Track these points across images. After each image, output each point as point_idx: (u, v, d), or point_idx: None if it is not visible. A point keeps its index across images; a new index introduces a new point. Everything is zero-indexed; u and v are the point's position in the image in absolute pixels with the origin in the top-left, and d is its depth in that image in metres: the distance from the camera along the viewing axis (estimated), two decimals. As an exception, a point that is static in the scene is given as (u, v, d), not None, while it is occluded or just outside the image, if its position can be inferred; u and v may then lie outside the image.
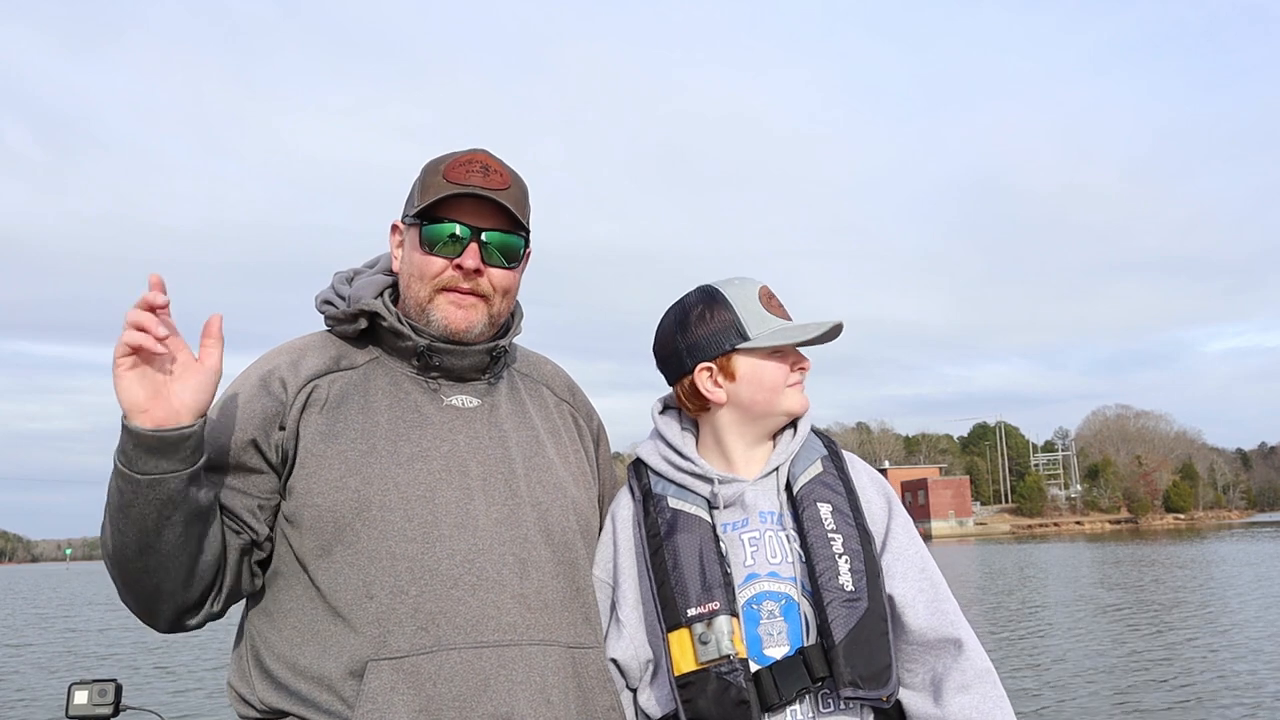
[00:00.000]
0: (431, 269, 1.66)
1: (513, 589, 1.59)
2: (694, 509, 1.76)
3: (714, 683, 1.62)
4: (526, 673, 1.55)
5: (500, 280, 1.69)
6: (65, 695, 2.47)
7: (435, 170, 1.68)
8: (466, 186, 1.64)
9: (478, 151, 1.70)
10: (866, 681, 1.63)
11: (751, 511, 1.77)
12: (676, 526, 1.74)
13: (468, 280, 1.66)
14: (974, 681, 1.68)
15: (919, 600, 1.73)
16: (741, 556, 1.73)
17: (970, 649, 1.71)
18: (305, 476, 1.58)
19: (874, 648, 1.65)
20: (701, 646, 1.64)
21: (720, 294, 1.83)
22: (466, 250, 1.65)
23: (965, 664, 1.69)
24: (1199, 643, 13.70)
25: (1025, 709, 9.57)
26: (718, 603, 1.66)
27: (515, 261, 1.71)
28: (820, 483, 1.79)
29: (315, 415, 1.62)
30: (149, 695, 11.87)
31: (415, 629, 1.52)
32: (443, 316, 1.67)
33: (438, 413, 1.67)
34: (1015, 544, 69.69)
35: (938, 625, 1.72)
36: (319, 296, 1.77)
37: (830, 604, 1.66)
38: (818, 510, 1.75)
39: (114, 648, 18.76)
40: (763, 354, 1.80)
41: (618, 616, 1.77)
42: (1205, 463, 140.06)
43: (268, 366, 1.67)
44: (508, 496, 1.65)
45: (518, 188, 1.70)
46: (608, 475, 1.93)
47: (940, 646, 1.71)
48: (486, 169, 1.67)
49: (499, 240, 1.68)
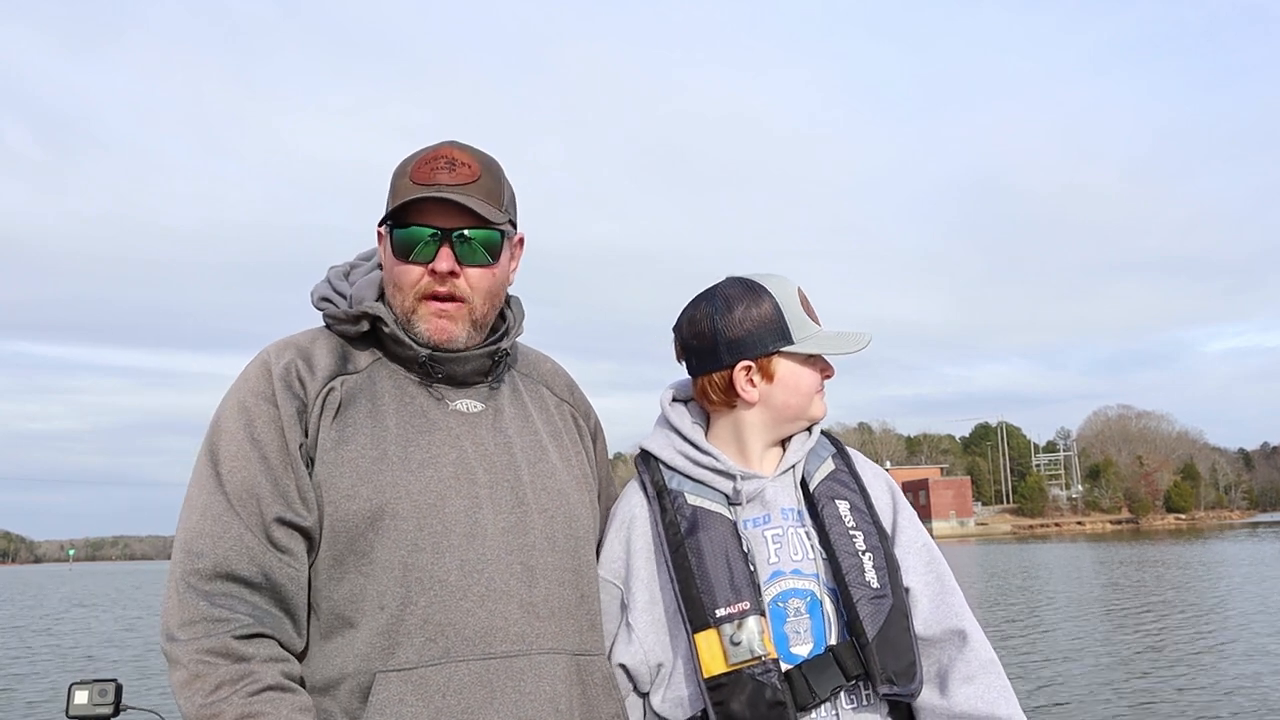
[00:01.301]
0: (408, 278, 1.61)
1: (520, 598, 1.57)
2: (714, 506, 1.73)
3: (748, 684, 1.59)
4: (535, 682, 1.54)
5: (478, 280, 1.63)
6: (65, 695, 2.47)
7: (403, 171, 1.62)
8: (431, 187, 1.57)
9: (444, 146, 1.64)
10: (899, 678, 1.62)
11: (773, 508, 1.75)
12: (698, 524, 1.70)
13: (444, 284, 1.61)
14: (979, 672, 1.68)
15: (925, 594, 1.73)
16: (765, 554, 1.71)
17: (975, 640, 1.70)
18: (317, 485, 1.55)
19: (902, 644, 1.64)
20: (733, 648, 1.60)
21: (765, 291, 1.78)
22: (439, 253, 1.59)
23: (970, 655, 1.69)
24: (1201, 642, 13.68)
25: (1026, 709, 9.55)
26: (747, 602, 1.63)
27: (494, 257, 1.65)
28: (835, 480, 1.78)
29: (330, 420, 1.58)
30: (149, 695, 11.85)
31: (424, 640, 1.50)
32: (425, 328, 1.62)
33: (444, 418, 1.64)
34: (1016, 544, 69.63)
35: (943, 617, 1.71)
36: (315, 292, 1.73)
37: (859, 601, 1.64)
38: (837, 508, 1.74)
39: (114, 648, 18.76)
40: (801, 359, 1.78)
41: (628, 621, 1.72)
42: (1207, 463, 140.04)
43: (283, 362, 1.61)
44: (514, 504, 1.62)
45: (489, 177, 1.63)
46: (605, 474, 1.91)
47: (946, 638, 1.71)
48: (453, 164, 1.60)
49: (470, 239, 1.61)
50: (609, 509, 1.86)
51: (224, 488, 1.51)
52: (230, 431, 1.55)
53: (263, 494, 1.51)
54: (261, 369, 1.61)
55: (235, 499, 1.50)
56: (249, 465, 1.52)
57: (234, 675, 1.41)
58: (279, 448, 1.54)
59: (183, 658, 1.43)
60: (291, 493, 1.52)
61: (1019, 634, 15.58)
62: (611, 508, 1.85)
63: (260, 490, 1.51)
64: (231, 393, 1.61)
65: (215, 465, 1.53)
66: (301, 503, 1.53)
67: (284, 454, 1.54)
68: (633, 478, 1.86)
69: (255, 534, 1.49)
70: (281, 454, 1.53)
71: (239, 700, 1.40)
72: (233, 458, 1.53)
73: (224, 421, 1.57)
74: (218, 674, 1.41)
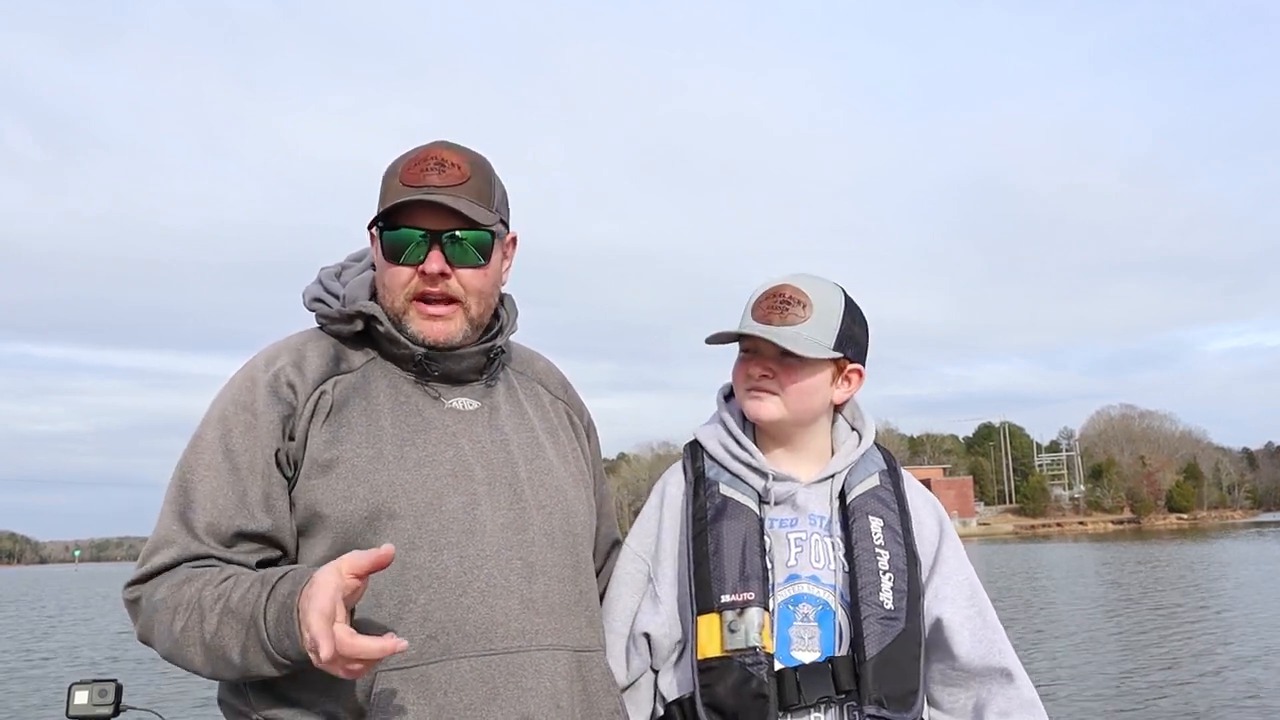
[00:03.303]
0: (399, 280, 1.61)
1: (520, 594, 1.57)
2: (745, 499, 1.75)
3: (736, 672, 1.62)
4: (536, 679, 1.54)
5: (471, 281, 1.62)
6: (65, 695, 2.47)
7: (393, 173, 1.62)
8: (420, 189, 1.57)
9: (433, 147, 1.63)
10: (892, 702, 1.62)
11: (802, 513, 1.76)
12: (725, 513, 1.73)
13: (435, 285, 1.60)
14: (1015, 710, 1.68)
15: (966, 627, 1.73)
16: (785, 556, 1.72)
17: (1019, 680, 1.71)
18: (312, 488, 1.55)
19: (904, 670, 1.64)
20: (730, 634, 1.63)
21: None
22: (429, 255, 1.59)
23: (1012, 692, 1.70)
24: (1203, 642, 13.66)
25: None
26: (753, 594, 1.65)
27: (486, 258, 1.64)
28: (874, 496, 1.78)
29: (321, 422, 1.58)
30: (149, 695, 11.86)
31: (425, 638, 1.50)
32: (417, 330, 1.61)
33: (440, 416, 1.64)
34: (1018, 544, 69.59)
35: (985, 654, 1.72)
36: (307, 293, 1.73)
37: (867, 619, 1.65)
38: (868, 523, 1.74)
39: (114, 648, 18.78)
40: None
41: (655, 592, 1.76)
42: (1210, 462, 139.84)
43: (272, 369, 1.61)
44: (512, 501, 1.62)
45: (479, 178, 1.62)
46: (599, 471, 1.91)
47: (988, 674, 1.71)
48: (442, 165, 1.60)
49: (461, 240, 1.60)
50: (603, 506, 1.88)
51: (191, 497, 1.53)
52: (208, 440, 1.57)
53: (224, 506, 1.52)
54: (246, 377, 1.62)
55: (199, 510, 1.52)
56: (218, 477, 1.54)
57: (190, 582, 1.47)
58: (250, 458, 1.54)
59: (144, 606, 1.50)
60: (254, 500, 1.53)
61: (1018, 635, 15.57)
62: (652, 487, 1.88)
63: (222, 502, 1.53)
64: (215, 401, 1.63)
65: (186, 475, 1.56)
66: (265, 510, 1.53)
67: (255, 462, 1.54)
68: (678, 461, 1.89)
69: (208, 547, 1.51)
70: (252, 463, 1.54)
71: (211, 588, 1.45)
72: (205, 466, 1.55)
73: (204, 429, 1.60)
74: (176, 595, 1.47)
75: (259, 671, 1.42)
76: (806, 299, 1.75)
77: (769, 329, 1.73)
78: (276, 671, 1.41)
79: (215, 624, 1.42)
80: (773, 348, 1.74)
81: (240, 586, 1.43)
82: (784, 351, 1.72)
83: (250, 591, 1.42)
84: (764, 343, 1.74)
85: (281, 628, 1.37)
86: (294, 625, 1.35)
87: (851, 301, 1.81)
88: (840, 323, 1.76)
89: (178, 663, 1.50)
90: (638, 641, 1.75)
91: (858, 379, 1.83)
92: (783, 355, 1.73)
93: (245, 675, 1.44)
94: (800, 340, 1.71)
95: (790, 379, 1.74)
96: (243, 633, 1.40)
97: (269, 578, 1.43)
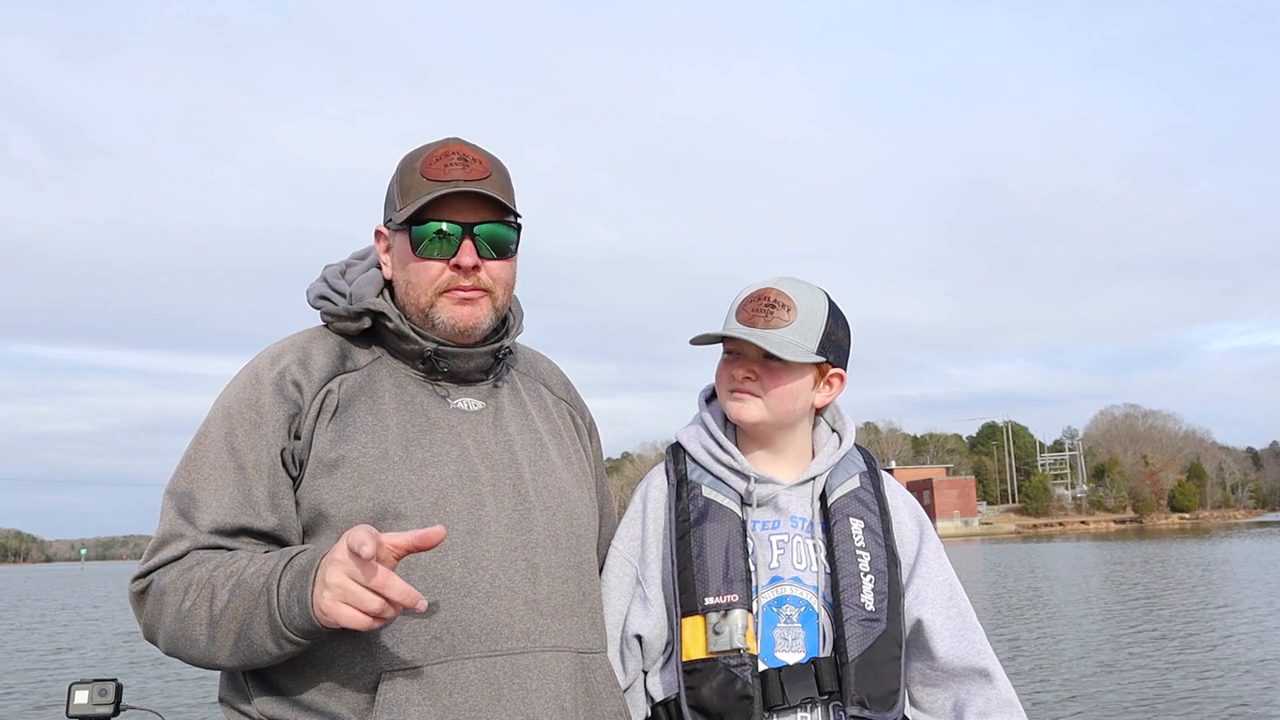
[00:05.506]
0: (429, 274, 1.60)
1: (524, 595, 1.56)
2: (727, 502, 1.76)
3: (721, 673, 1.63)
4: (540, 680, 1.53)
5: (499, 272, 1.63)
6: (66, 695, 2.47)
7: (412, 169, 1.61)
8: (449, 184, 1.57)
9: (451, 142, 1.63)
10: (874, 703, 1.64)
11: (784, 515, 1.77)
12: (707, 515, 1.74)
13: (468, 278, 1.60)
14: (994, 710, 1.70)
15: (946, 628, 1.75)
16: (768, 558, 1.73)
17: (998, 680, 1.72)
18: (318, 487, 1.54)
19: (885, 671, 1.66)
20: (714, 636, 1.65)
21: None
22: (461, 248, 1.59)
23: (990, 693, 1.71)
24: (1206, 641, 13.63)
25: (1030, 707, 9.53)
26: (736, 596, 1.67)
27: (514, 249, 1.66)
28: (855, 498, 1.78)
29: (327, 421, 1.57)
30: (149, 695, 11.87)
31: (429, 639, 1.49)
32: (448, 317, 1.61)
33: (445, 416, 1.64)
34: (1020, 543, 69.52)
35: (965, 654, 1.73)
36: (311, 291, 1.72)
37: (849, 620, 1.67)
38: (849, 525, 1.75)
39: (114, 648, 18.79)
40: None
41: (644, 594, 1.77)
42: (1214, 462, 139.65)
43: (278, 367, 1.60)
44: (517, 502, 1.62)
45: (499, 173, 1.64)
46: (601, 472, 1.91)
47: (967, 675, 1.72)
48: (465, 160, 1.60)
49: (491, 233, 1.61)
50: (604, 506, 1.88)
51: (195, 495, 1.52)
52: (213, 438, 1.57)
53: (229, 503, 1.51)
54: (251, 375, 1.61)
55: (204, 507, 1.51)
56: (223, 475, 1.53)
57: (195, 569, 1.46)
58: (255, 456, 1.54)
59: (152, 592, 1.49)
60: (260, 499, 1.52)
61: (1018, 634, 15.54)
62: (634, 489, 1.88)
63: (227, 500, 1.51)
64: (220, 398, 1.62)
65: (190, 473, 1.55)
66: (270, 508, 1.53)
67: (260, 461, 1.53)
68: (660, 463, 1.89)
69: (214, 542, 1.50)
70: (257, 461, 1.53)
71: (224, 568, 1.44)
72: (210, 464, 1.54)
73: (208, 427, 1.59)
74: (187, 576, 1.46)
75: (261, 649, 1.40)
76: (791, 302, 1.75)
77: (753, 331, 1.73)
78: (278, 650, 1.39)
79: (226, 598, 1.41)
80: (756, 350, 1.74)
81: (256, 562, 1.43)
82: (767, 354, 1.72)
83: (266, 564, 1.41)
84: (748, 345, 1.75)
85: (294, 594, 1.35)
86: (308, 591, 1.34)
87: (835, 306, 1.82)
88: (824, 327, 1.77)
89: (179, 650, 1.48)
90: (630, 644, 1.75)
91: (839, 383, 1.83)
92: (766, 358, 1.74)
93: (245, 659, 1.42)
94: (784, 344, 1.72)
95: (773, 382, 1.75)
96: (252, 603, 1.39)
97: (289, 552, 1.42)
